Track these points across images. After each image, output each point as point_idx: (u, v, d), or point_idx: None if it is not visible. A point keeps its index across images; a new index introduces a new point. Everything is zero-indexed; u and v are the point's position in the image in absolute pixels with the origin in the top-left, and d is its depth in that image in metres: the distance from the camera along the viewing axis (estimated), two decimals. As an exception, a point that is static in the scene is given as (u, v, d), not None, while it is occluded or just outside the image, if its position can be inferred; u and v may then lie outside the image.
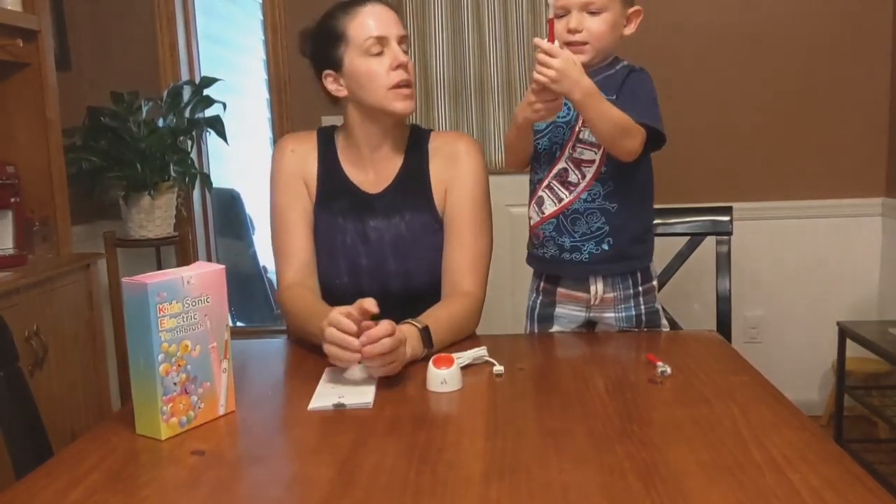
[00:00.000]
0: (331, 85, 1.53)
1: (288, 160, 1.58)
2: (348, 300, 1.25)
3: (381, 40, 1.47)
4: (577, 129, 1.48)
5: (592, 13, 1.42)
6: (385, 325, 1.19)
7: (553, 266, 1.55)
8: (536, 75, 1.32)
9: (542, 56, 1.31)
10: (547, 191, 1.51)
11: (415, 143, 1.59)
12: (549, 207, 1.51)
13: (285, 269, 1.54)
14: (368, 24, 1.47)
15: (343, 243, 1.55)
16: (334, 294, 1.51)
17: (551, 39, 1.33)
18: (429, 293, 1.51)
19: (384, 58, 1.47)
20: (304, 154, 1.58)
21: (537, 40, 1.32)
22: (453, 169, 1.55)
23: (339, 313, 1.21)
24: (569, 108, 1.47)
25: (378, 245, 1.54)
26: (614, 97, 1.41)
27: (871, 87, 2.91)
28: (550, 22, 1.34)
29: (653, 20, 1.51)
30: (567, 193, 1.49)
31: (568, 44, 1.41)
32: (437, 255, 1.55)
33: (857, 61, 2.91)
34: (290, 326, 1.55)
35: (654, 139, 1.43)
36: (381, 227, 1.55)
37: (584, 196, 1.48)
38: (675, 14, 2.89)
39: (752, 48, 2.92)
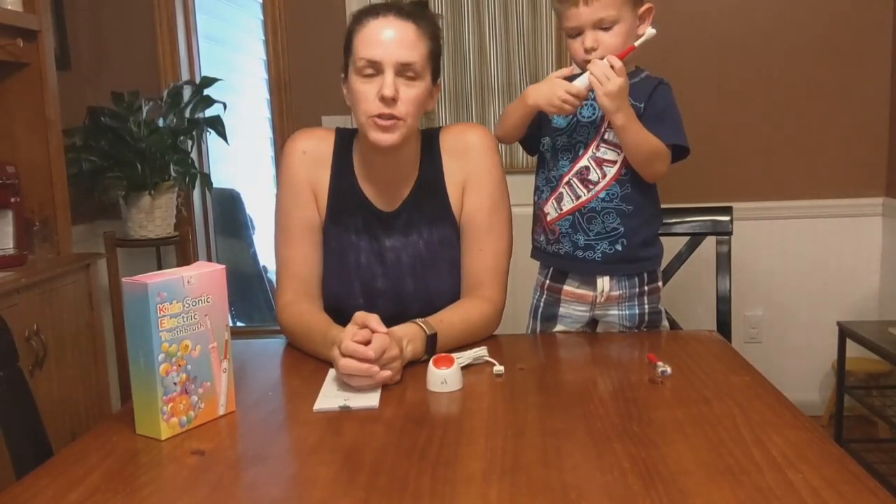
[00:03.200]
0: (343, 89, 1.45)
1: (298, 163, 1.47)
2: None
3: (375, 65, 1.34)
4: (602, 128, 1.49)
5: (605, 29, 1.43)
6: (381, 344, 1.18)
7: (565, 262, 1.56)
8: (596, 83, 1.37)
9: (608, 70, 1.36)
10: (567, 187, 1.52)
11: (427, 148, 1.51)
12: (567, 204, 1.52)
13: (285, 286, 1.47)
14: (369, 42, 1.35)
15: (357, 263, 1.47)
16: (347, 316, 1.39)
17: (622, 57, 1.39)
18: None
19: (375, 82, 1.35)
20: (316, 158, 1.48)
21: (610, 57, 1.38)
22: (467, 165, 1.49)
23: (351, 340, 1.18)
24: (594, 108, 1.48)
25: (395, 267, 1.47)
26: (642, 105, 1.45)
27: (871, 87, 2.91)
28: (630, 48, 1.41)
29: (652, 21, 1.51)
30: (585, 191, 1.50)
31: (587, 62, 1.43)
32: (457, 272, 1.49)
33: (857, 61, 2.90)
34: (291, 343, 1.46)
35: (675, 153, 1.48)
36: (398, 246, 1.47)
37: (601, 195, 1.49)
38: (675, 14, 2.88)
39: (751, 48, 2.92)
